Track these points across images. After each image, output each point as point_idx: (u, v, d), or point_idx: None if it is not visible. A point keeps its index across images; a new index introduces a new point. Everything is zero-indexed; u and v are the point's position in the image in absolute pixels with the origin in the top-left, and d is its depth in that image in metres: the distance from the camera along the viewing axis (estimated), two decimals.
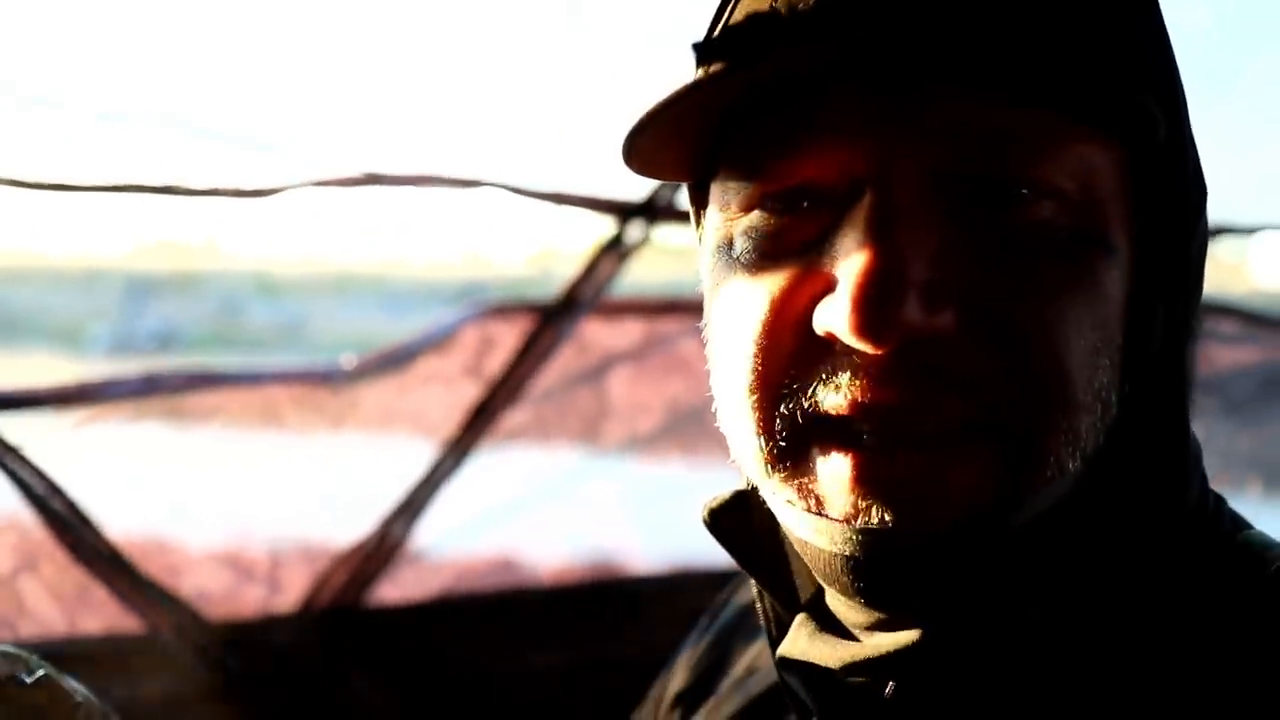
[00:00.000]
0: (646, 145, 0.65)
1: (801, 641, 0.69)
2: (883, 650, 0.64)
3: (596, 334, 2.11)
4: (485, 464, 1.96)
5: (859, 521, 0.61)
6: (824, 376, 0.61)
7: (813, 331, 0.61)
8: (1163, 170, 0.64)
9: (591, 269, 1.83)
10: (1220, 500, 0.70)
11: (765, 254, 0.64)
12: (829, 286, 0.61)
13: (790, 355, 0.62)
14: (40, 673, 0.75)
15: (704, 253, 0.70)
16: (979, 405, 0.59)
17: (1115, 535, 0.64)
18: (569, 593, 2.24)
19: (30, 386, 1.49)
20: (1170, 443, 0.66)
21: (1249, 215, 1.93)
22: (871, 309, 0.57)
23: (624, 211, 1.77)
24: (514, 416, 1.95)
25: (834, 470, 0.61)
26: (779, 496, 0.65)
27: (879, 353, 0.58)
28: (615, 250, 1.80)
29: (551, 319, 1.86)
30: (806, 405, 0.62)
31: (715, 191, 0.68)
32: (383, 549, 1.87)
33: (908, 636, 0.63)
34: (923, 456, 0.60)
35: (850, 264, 0.59)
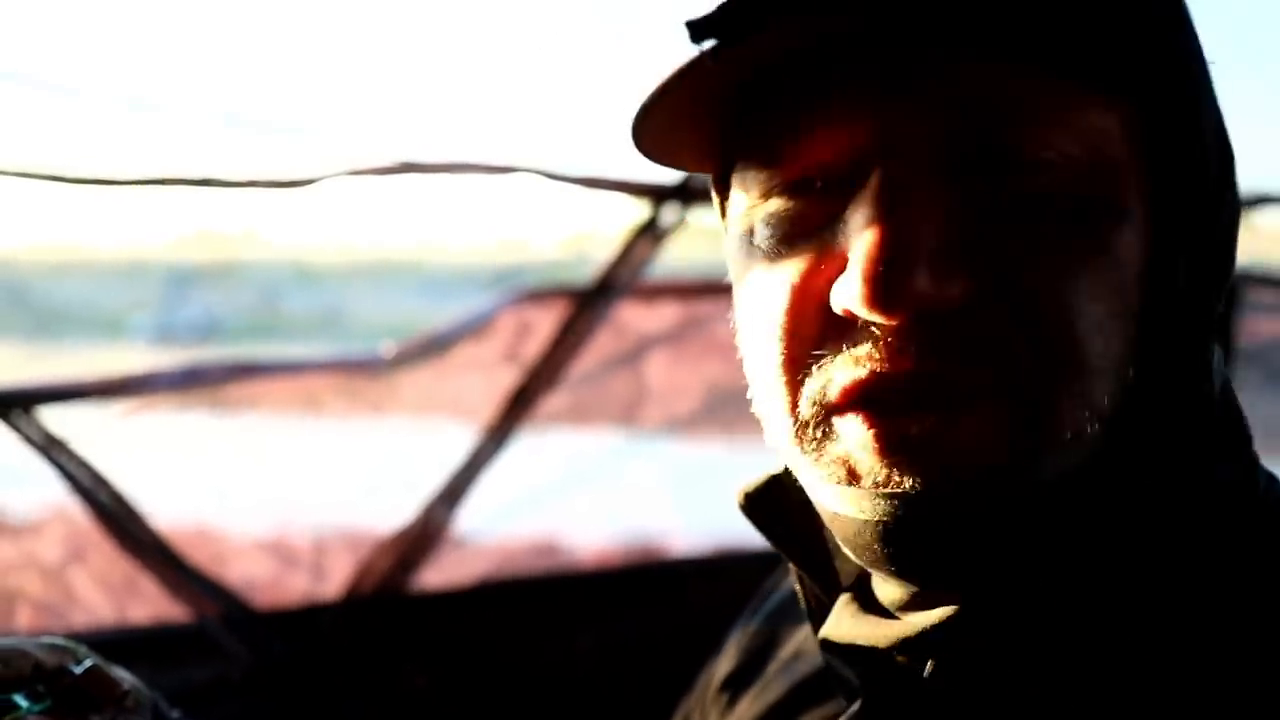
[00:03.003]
0: (657, 132, 0.66)
1: (844, 623, 0.69)
2: (921, 627, 0.64)
3: (633, 317, 2.11)
4: (525, 449, 1.97)
5: (884, 486, 0.62)
6: (846, 350, 0.62)
7: (832, 311, 0.62)
8: (1179, 134, 0.63)
9: (627, 252, 1.83)
10: (1273, 480, 0.69)
11: (784, 240, 0.65)
12: (844, 265, 0.62)
13: (813, 336, 0.64)
14: (88, 663, 0.76)
15: (729, 242, 0.71)
16: (993, 370, 0.61)
17: (1138, 504, 0.63)
18: (610, 575, 2.25)
19: (75, 379, 1.50)
20: (1190, 410, 0.64)
21: None
22: (880, 281, 0.59)
23: (659, 194, 1.77)
24: (552, 401, 1.95)
25: (857, 438, 0.62)
26: (810, 473, 0.66)
27: (892, 323, 0.60)
28: (650, 233, 1.80)
29: (588, 303, 1.86)
30: (831, 380, 0.63)
31: (736, 180, 0.69)
32: (425, 535, 1.88)
33: (945, 611, 0.63)
34: (936, 416, 0.61)
35: (860, 240, 0.60)
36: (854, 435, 0.63)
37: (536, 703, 1.90)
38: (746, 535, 0.72)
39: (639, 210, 1.79)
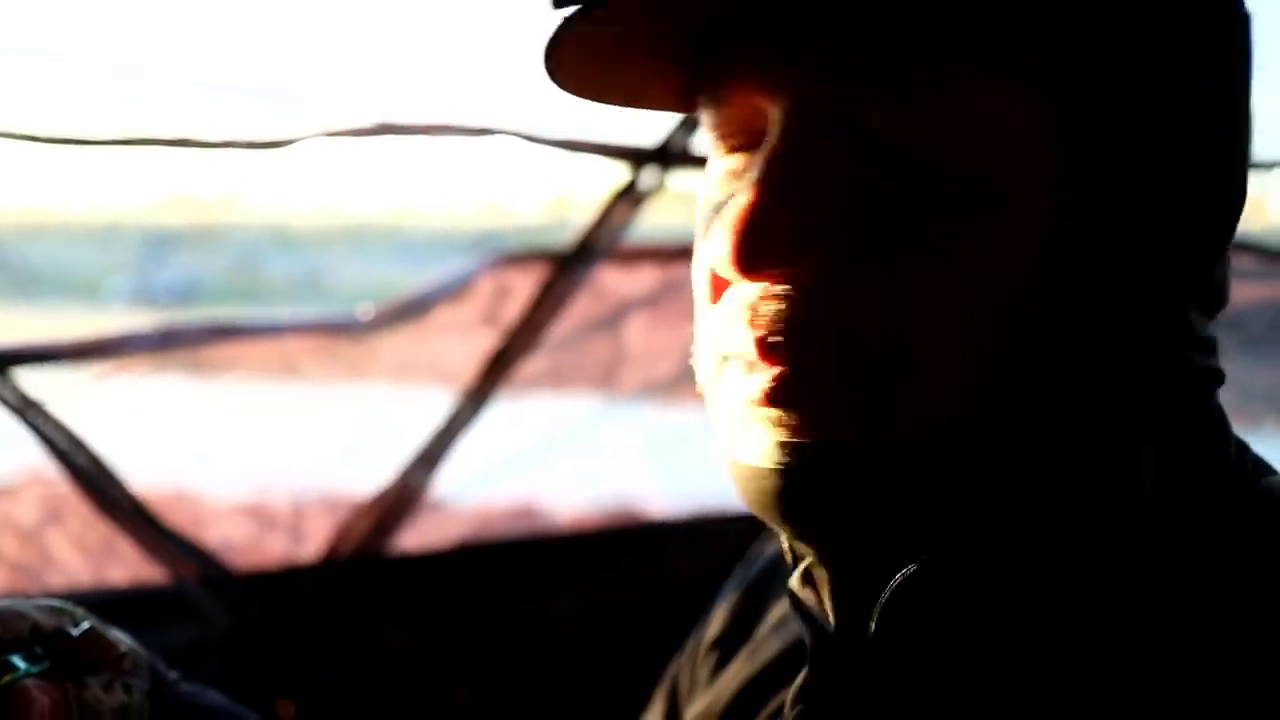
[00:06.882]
0: (625, 75, 0.67)
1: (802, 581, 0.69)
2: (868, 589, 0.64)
3: (612, 281, 2.10)
4: (503, 412, 1.97)
5: (735, 445, 0.63)
6: (720, 308, 0.64)
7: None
8: (1109, 123, 0.60)
9: (606, 216, 1.82)
10: (1243, 447, 0.69)
11: (713, 198, 0.66)
12: None
13: (715, 301, 0.65)
14: (86, 625, 0.76)
15: None
16: (833, 352, 0.60)
17: (1038, 486, 0.61)
18: (589, 538, 2.26)
19: (51, 341, 1.50)
20: (1122, 394, 0.62)
21: (1269, 151, 1.91)
22: (736, 243, 0.60)
23: (638, 157, 1.76)
24: (531, 364, 1.95)
25: (724, 407, 0.64)
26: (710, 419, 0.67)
27: (748, 283, 0.61)
28: (630, 197, 1.79)
29: (567, 267, 1.86)
30: (721, 347, 0.64)
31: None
32: (403, 498, 1.89)
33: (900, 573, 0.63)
34: (777, 384, 0.61)
35: (733, 203, 0.60)
36: (721, 404, 0.64)
37: (515, 665, 1.91)
38: (724, 499, 0.72)
39: (618, 173, 1.79)
